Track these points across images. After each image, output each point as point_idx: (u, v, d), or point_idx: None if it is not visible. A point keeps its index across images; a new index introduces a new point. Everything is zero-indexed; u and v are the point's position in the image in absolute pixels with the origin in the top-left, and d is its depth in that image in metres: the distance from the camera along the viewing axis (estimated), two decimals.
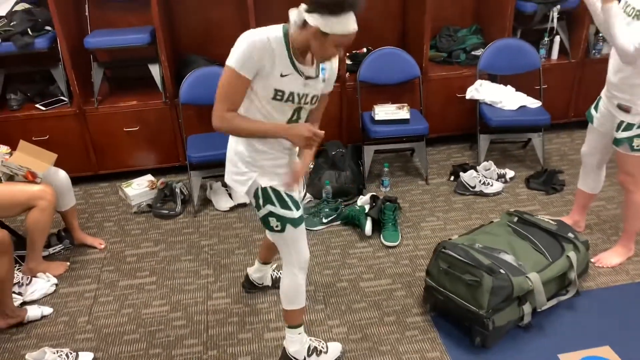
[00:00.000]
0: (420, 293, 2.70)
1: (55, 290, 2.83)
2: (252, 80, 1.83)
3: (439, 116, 3.91)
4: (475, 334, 2.37)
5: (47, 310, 2.69)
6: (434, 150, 4.07)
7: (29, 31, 3.32)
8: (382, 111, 3.55)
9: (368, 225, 3.15)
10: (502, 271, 2.31)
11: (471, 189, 3.51)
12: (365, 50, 3.97)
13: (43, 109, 3.55)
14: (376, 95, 3.76)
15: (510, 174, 3.67)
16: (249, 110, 1.91)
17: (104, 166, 3.76)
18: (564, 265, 2.51)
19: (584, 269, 2.73)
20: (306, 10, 1.74)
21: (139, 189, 3.54)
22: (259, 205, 2.04)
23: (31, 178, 2.78)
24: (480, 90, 3.73)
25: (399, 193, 3.57)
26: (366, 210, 3.20)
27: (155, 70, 3.58)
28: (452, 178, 3.68)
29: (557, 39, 3.97)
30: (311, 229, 3.22)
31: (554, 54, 4.03)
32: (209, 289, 2.83)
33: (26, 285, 2.76)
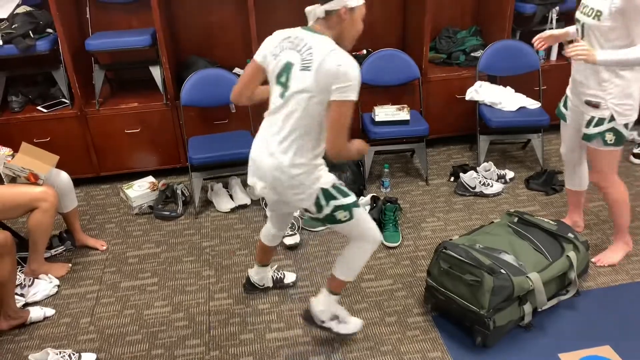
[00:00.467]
0: (421, 293, 2.71)
1: (57, 291, 2.84)
2: None
3: (439, 117, 3.92)
4: (476, 334, 2.38)
5: (50, 311, 2.70)
6: (434, 151, 4.08)
7: (31, 33, 3.32)
8: (382, 112, 3.56)
9: None
10: (503, 271, 2.32)
11: (471, 190, 3.52)
12: (365, 51, 3.98)
13: (44, 111, 3.55)
14: (376, 96, 3.77)
15: (510, 174, 3.68)
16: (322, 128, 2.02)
17: (106, 168, 3.76)
18: (564, 265, 2.52)
19: (584, 269, 2.74)
20: (324, 2, 1.90)
21: (140, 190, 3.55)
22: (320, 207, 2.07)
23: (33, 180, 2.79)
24: (480, 91, 3.74)
25: (400, 194, 3.58)
26: (367, 211, 3.20)
27: (156, 72, 3.59)
28: (452, 179, 3.69)
29: None
30: (312, 229, 3.23)
31: (553, 55, 4.04)
32: (210, 290, 2.84)
33: (28, 286, 2.76)
